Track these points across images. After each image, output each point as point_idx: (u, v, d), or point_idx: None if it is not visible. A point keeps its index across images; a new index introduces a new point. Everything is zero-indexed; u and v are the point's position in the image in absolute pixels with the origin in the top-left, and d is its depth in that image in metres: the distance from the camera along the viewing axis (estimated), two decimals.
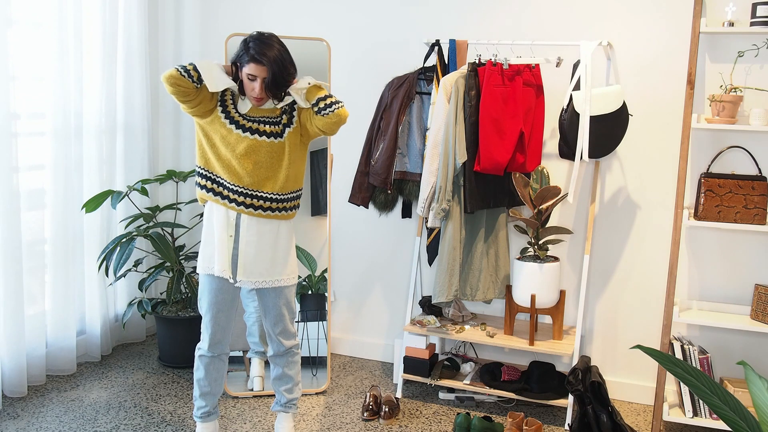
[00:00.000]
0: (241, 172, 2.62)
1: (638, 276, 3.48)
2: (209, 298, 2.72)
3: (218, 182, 2.65)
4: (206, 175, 2.67)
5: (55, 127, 3.47)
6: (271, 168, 2.65)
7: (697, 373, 1.74)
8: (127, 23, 3.90)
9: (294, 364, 2.92)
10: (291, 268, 2.77)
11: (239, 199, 2.63)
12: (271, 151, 2.64)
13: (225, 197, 2.64)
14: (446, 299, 3.29)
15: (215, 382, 2.82)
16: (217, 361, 2.80)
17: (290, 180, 2.69)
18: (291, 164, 2.68)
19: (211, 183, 2.66)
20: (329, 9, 3.90)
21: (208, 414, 2.86)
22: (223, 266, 2.67)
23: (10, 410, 3.21)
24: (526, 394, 3.26)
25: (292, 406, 2.98)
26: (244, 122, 2.62)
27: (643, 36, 3.33)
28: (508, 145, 3.19)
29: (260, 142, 2.62)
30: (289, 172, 2.68)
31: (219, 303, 2.73)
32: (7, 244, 3.21)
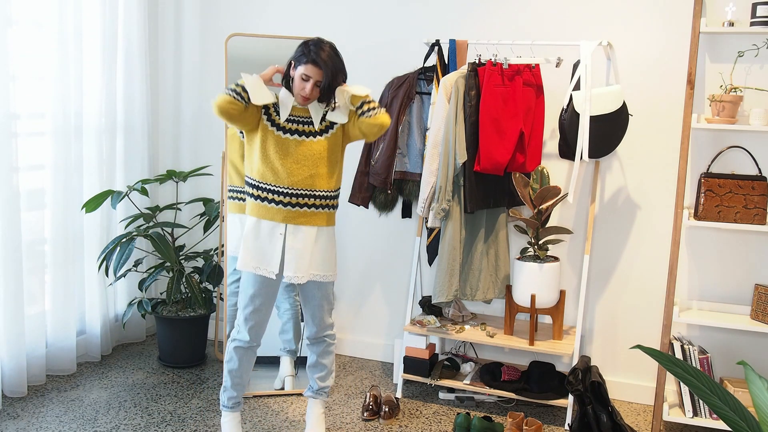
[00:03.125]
0: (285, 172, 2.72)
1: (638, 276, 3.48)
2: (254, 290, 2.80)
3: (267, 189, 2.74)
4: (256, 185, 2.76)
5: (55, 127, 3.47)
6: (315, 166, 2.76)
7: (697, 373, 1.74)
8: (127, 23, 3.90)
9: (329, 353, 3.01)
10: (333, 264, 2.88)
11: (285, 200, 2.74)
12: (313, 150, 2.75)
13: (272, 201, 2.74)
14: (446, 299, 3.29)
15: (247, 372, 2.92)
16: (251, 353, 2.89)
17: (334, 178, 2.82)
18: (334, 163, 2.80)
19: (263, 192, 2.75)
20: (329, 9, 3.90)
21: (238, 403, 2.95)
22: (271, 264, 2.75)
23: (10, 410, 3.21)
24: (526, 394, 3.26)
25: (323, 393, 3.05)
26: (287, 125, 2.75)
27: (643, 36, 3.33)
28: (508, 145, 3.19)
29: (304, 142, 2.74)
30: (331, 171, 2.80)
31: (263, 296, 2.81)
32: (7, 244, 3.20)
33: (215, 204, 3.89)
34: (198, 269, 3.89)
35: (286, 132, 2.74)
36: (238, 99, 2.63)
